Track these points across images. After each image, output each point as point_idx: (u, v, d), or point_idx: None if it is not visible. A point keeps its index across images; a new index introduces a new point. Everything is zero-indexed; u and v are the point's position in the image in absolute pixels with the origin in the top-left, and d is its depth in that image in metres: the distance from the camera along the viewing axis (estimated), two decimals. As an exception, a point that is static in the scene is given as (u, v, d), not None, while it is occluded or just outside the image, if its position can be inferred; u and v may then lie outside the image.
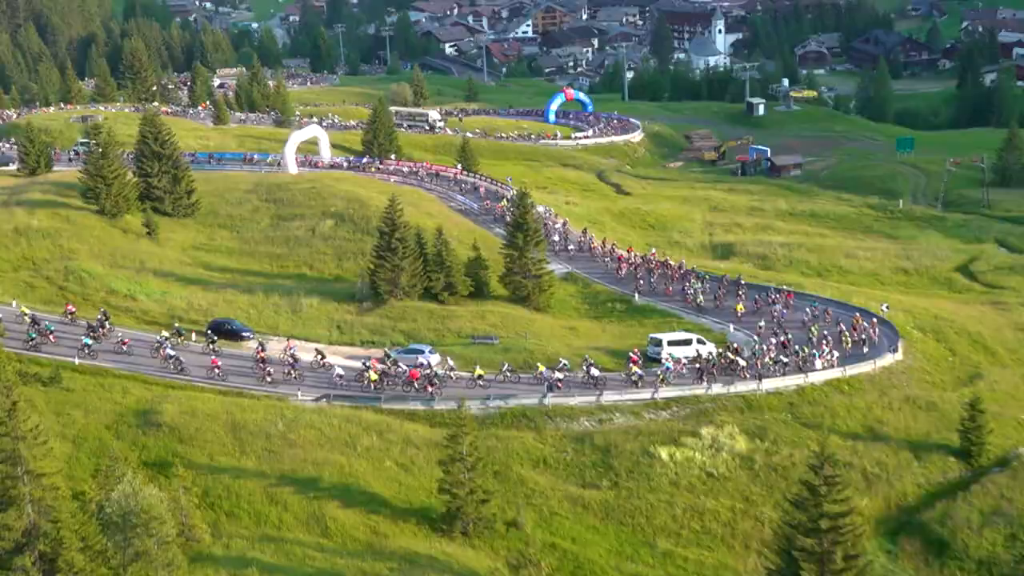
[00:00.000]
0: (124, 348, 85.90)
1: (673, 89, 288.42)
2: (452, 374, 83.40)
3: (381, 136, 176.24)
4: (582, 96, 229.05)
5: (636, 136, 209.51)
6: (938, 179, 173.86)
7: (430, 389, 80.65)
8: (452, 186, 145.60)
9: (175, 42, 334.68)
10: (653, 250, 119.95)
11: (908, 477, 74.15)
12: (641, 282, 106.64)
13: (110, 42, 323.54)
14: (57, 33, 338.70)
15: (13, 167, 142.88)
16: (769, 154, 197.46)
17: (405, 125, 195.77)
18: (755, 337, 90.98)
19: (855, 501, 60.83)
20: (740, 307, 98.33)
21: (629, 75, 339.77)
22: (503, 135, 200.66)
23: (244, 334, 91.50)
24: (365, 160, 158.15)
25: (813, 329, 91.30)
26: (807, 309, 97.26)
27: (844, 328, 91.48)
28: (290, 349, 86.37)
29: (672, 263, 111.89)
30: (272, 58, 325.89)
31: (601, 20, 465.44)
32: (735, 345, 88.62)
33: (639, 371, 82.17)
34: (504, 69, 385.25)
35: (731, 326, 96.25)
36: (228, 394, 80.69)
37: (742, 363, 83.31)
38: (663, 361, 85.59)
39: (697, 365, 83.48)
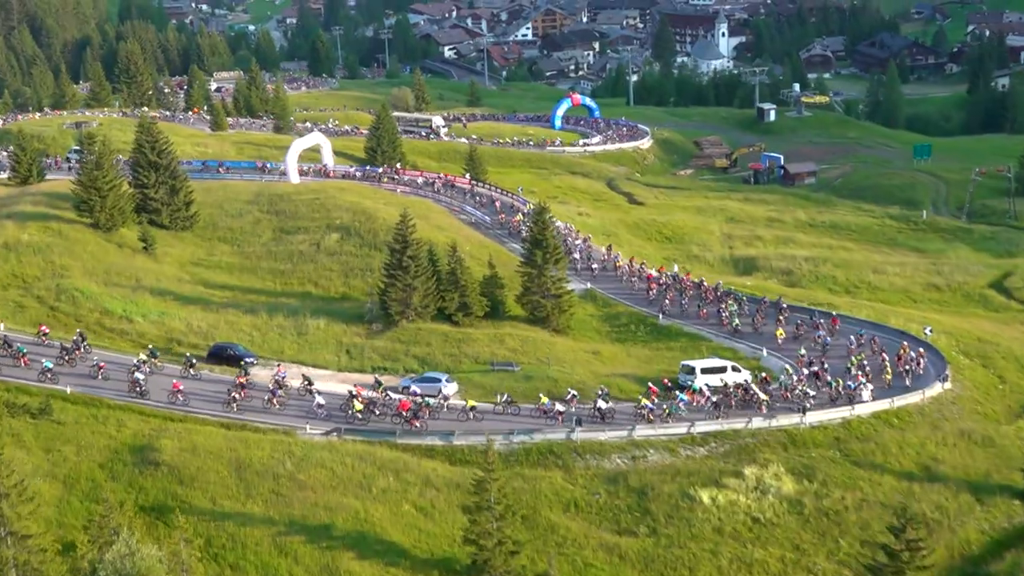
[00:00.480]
0: (100, 373, 79.82)
1: (679, 94, 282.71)
2: (445, 404, 77.77)
3: (385, 143, 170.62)
4: (589, 101, 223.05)
5: (645, 143, 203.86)
6: (959, 188, 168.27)
7: (416, 423, 74.76)
8: (466, 198, 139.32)
9: (171, 45, 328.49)
10: (676, 267, 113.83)
11: (971, 523, 68.07)
12: (669, 303, 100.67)
13: (105, 45, 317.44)
14: (51, 36, 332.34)
15: (3, 176, 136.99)
16: (782, 161, 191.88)
17: (408, 131, 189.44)
18: (788, 366, 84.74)
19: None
20: (780, 332, 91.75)
21: (632, 79, 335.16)
22: (509, 141, 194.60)
23: (248, 360, 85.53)
24: (381, 170, 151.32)
25: (853, 359, 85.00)
26: (851, 337, 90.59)
27: (886, 359, 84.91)
28: (279, 375, 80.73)
29: (707, 284, 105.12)
30: (270, 61, 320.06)
31: (601, 23, 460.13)
32: (763, 375, 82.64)
33: (648, 404, 75.95)
34: (504, 72, 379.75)
35: (764, 350, 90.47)
36: (232, 427, 74.96)
37: (762, 396, 77.18)
38: (698, 390, 79.94)
39: (715, 398, 77.24)
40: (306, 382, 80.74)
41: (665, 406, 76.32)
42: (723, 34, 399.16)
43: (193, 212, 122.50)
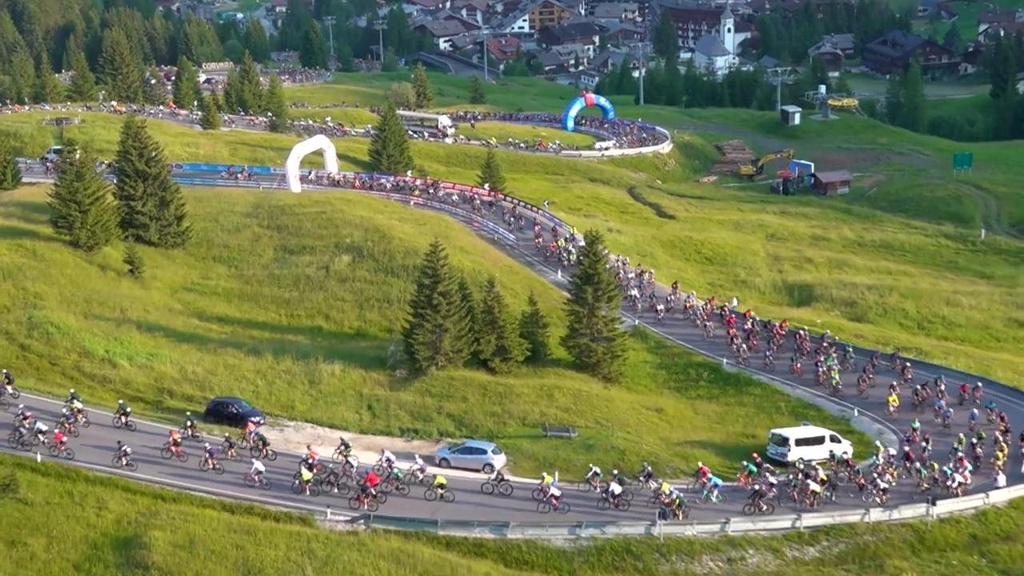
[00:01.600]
0: (24, 426, 66.35)
1: (692, 92, 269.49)
2: (420, 475, 64.93)
3: (391, 146, 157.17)
4: (603, 101, 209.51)
5: (665, 147, 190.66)
6: (1010, 202, 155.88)
7: (364, 503, 61.84)
8: (486, 212, 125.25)
9: (158, 33, 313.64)
10: (734, 300, 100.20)
11: None
12: (749, 351, 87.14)
13: (89, 32, 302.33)
14: (34, 21, 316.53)
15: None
16: (812, 169, 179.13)
17: (412, 131, 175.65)
18: (878, 443, 71.02)
19: None
20: (893, 398, 77.36)
21: (636, 75, 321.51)
22: (522, 144, 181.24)
23: (254, 419, 72.05)
24: (416, 183, 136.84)
25: (961, 436, 71.04)
26: (974, 410, 75.90)
27: (1003, 436, 71.02)
28: (250, 433, 68.20)
29: (805, 332, 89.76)
30: (260, 52, 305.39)
31: (599, 16, 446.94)
32: (845, 454, 69.11)
33: (673, 489, 62.53)
34: (502, 66, 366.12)
35: (855, 410, 77.48)
36: (236, 510, 61.69)
37: (814, 487, 63.65)
38: (792, 463, 67.02)
39: (755, 486, 63.84)
40: (258, 441, 67.68)
41: (704, 493, 63.45)
42: (729, 29, 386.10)
43: (185, 227, 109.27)
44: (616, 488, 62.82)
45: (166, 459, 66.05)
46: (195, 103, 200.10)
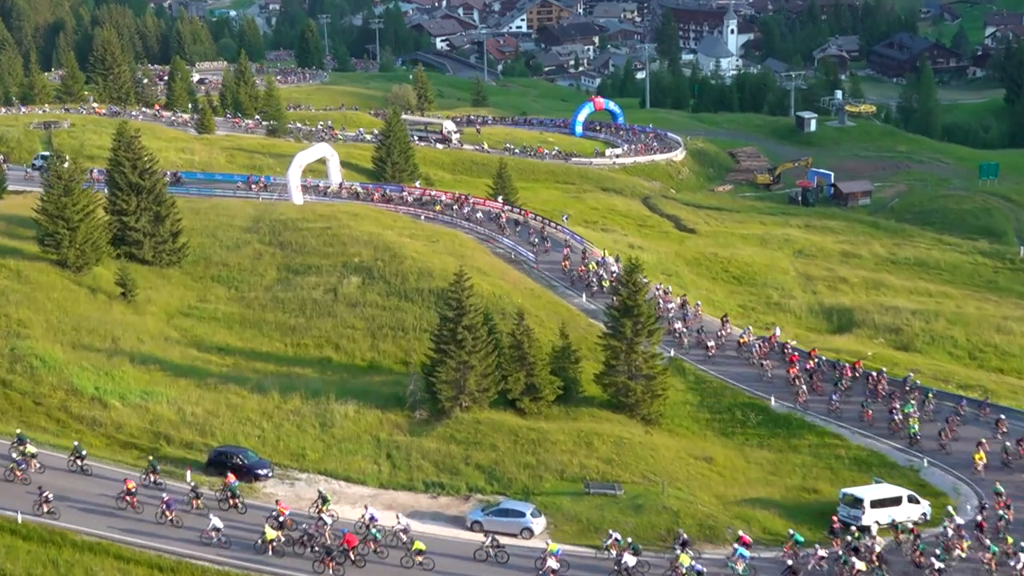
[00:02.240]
0: None
1: (699, 96, 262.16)
2: (404, 536, 57.44)
3: (396, 153, 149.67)
4: (612, 106, 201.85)
5: (678, 154, 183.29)
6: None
7: (331, 566, 54.35)
8: (515, 233, 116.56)
9: (150, 31, 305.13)
10: (777, 330, 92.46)
11: None
12: (806, 390, 79.17)
13: (80, 30, 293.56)
14: (23, 18, 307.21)
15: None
16: (832, 179, 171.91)
17: (416, 137, 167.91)
18: (950, 508, 63.17)
19: None
20: (980, 456, 68.99)
21: (640, 76, 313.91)
22: (530, 151, 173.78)
23: (260, 471, 64.56)
24: (442, 197, 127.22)
25: None
26: None
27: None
28: (229, 484, 61.03)
29: (882, 374, 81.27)
30: (255, 51, 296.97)
31: (598, 16, 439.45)
32: (912, 524, 61.46)
33: (695, 563, 54.83)
34: (500, 66, 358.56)
35: (924, 460, 70.16)
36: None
37: (860, 567, 55.51)
38: (866, 527, 59.68)
39: (788, 561, 56.14)
40: (192, 492, 60.45)
41: (730, 566, 55.75)
42: (732, 30, 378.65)
43: (181, 244, 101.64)
44: (630, 560, 55.28)
45: (120, 510, 58.49)
46: (189, 105, 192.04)
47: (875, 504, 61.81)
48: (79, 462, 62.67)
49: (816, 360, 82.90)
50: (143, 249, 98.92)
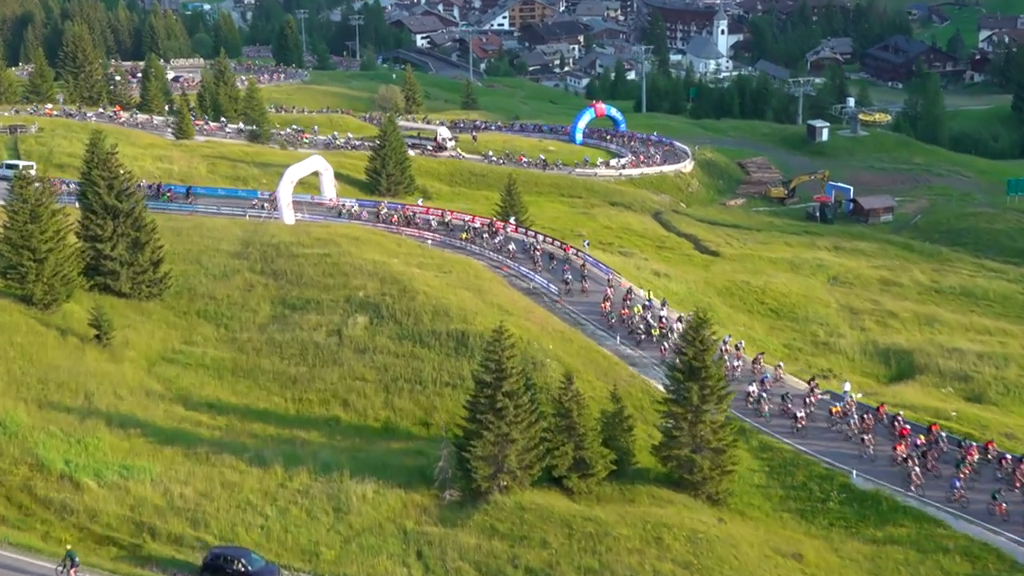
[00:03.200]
0: None
1: (699, 100, 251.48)
2: None
3: (391, 164, 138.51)
4: (614, 112, 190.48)
5: (687, 165, 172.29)
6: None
7: None
8: (528, 256, 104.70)
9: (122, 25, 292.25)
10: (846, 384, 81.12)
11: None
12: (917, 471, 66.77)
13: (49, 23, 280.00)
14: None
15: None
16: (851, 194, 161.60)
17: (409, 145, 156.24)
18: None
19: None
20: None
21: (631, 76, 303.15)
22: (534, 162, 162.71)
23: (267, 578, 53.15)
24: (474, 223, 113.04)
25: None
26: None
27: None
28: None
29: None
30: (232, 47, 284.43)
31: (581, 14, 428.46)
32: None
33: None
34: (483, 65, 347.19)
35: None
36: None
37: None
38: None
39: None
40: None
41: None
42: (722, 31, 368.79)
43: (163, 274, 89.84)
44: None
45: None
46: (166, 107, 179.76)
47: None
48: (73, 573, 50.89)
49: (936, 436, 70.75)
50: (119, 280, 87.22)
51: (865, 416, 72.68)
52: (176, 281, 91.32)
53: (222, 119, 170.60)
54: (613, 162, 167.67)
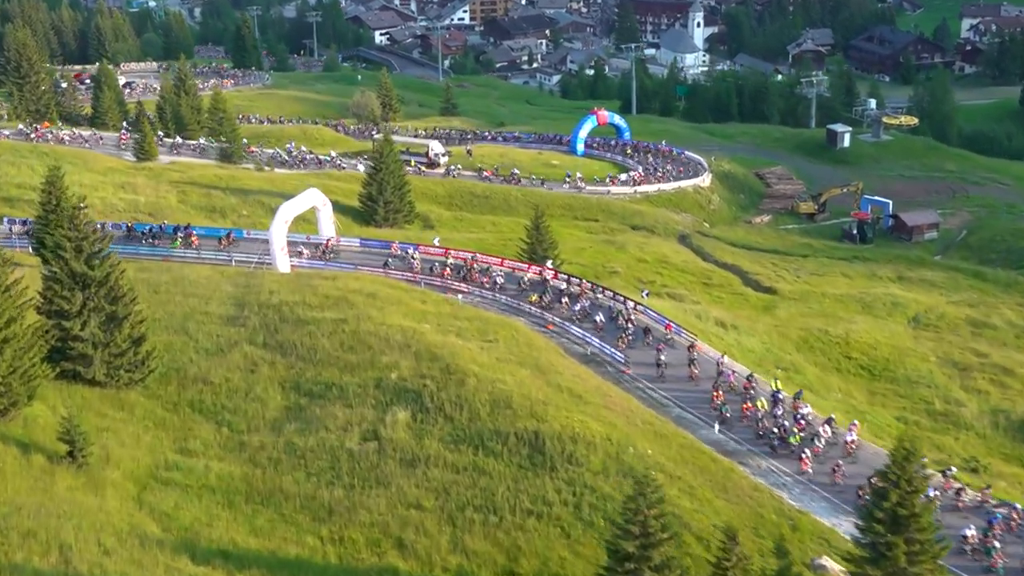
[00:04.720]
0: None
1: (691, 100, 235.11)
2: None
3: (389, 190, 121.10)
4: (618, 120, 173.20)
5: (705, 179, 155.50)
6: None
7: None
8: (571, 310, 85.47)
9: (66, 26, 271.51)
10: (986, 488, 64.70)
11: None
12: None
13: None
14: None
15: None
16: (891, 208, 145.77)
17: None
18: None
19: None
20: None
21: (590, 73, 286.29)
22: (538, 180, 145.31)
23: None
24: (545, 276, 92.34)
25: None
26: None
27: None
28: None
29: None
30: (185, 48, 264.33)
31: (543, 6, 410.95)
32: None
33: None
34: (448, 62, 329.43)
35: None
36: None
37: None
38: None
39: None
40: None
41: None
42: (698, 24, 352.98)
43: (144, 354, 71.74)
44: None
45: None
46: (124, 123, 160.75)
47: None
48: None
49: None
50: (92, 366, 69.15)
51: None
52: (160, 358, 73.30)
53: (177, 137, 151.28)
54: (623, 176, 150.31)
